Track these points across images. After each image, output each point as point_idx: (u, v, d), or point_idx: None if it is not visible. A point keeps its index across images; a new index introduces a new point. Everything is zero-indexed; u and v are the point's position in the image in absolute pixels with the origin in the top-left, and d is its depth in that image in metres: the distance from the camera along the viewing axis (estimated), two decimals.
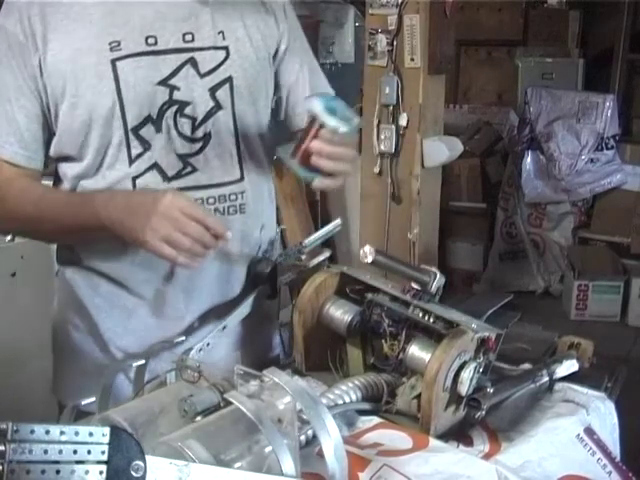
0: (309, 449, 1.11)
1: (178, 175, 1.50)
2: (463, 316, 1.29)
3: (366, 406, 1.27)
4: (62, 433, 0.73)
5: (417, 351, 1.27)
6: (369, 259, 1.27)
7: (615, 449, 1.34)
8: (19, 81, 1.43)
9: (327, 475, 0.95)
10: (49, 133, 1.49)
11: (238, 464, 0.93)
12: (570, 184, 5.18)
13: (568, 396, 1.37)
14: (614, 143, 5.18)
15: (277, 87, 1.66)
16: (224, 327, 1.39)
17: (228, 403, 0.98)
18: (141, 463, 0.76)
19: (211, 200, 1.52)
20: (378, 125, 3.69)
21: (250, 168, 1.59)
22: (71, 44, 1.42)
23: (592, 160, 5.16)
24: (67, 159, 1.52)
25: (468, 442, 1.24)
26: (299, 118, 1.66)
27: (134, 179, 1.49)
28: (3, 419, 0.72)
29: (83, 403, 1.10)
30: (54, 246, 1.75)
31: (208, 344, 1.32)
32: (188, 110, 1.49)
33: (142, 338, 1.56)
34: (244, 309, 1.45)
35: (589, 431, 1.27)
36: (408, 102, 3.63)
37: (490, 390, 1.26)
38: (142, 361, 1.15)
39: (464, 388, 1.22)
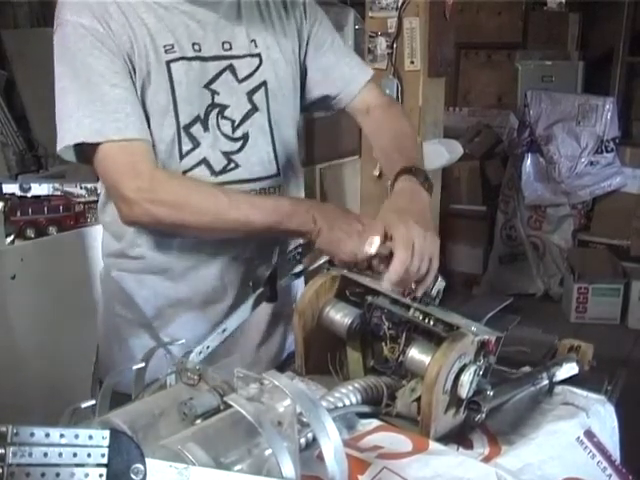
0: (309, 452, 1.11)
1: (224, 170, 1.61)
2: (463, 319, 1.29)
3: (366, 409, 1.27)
4: (62, 436, 0.73)
5: (417, 354, 1.27)
6: (372, 250, 1.29)
7: (615, 452, 1.33)
8: (116, 66, 1.49)
9: (327, 478, 0.94)
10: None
11: (238, 467, 0.93)
12: (570, 187, 5.19)
13: (568, 399, 1.37)
14: (614, 146, 5.18)
15: (311, 78, 1.77)
16: (224, 330, 1.38)
17: (228, 406, 0.98)
18: (141, 466, 0.76)
19: (253, 193, 1.62)
20: None
21: (284, 164, 1.71)
22: (135, 41, 1.51)
23: (592, 163, 5.17)
24: None
25: (468, 445, 1.24)
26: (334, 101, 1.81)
27: (184, 173, 1.58)
28: (3, 422, 0.72)
29: (82, 406, 1.10)
30: (54, 248, 1.75)
31: (208, 347, 1.32)
32: (227, 112, 1.60)
33: (188, 325, 1.66)
34: (243, 312, 1.45)
35: (589, 434, 1.27)
36: (408, 105, 3.63)
37: (490, 393, 1.26)
38: (142, 364, 1.15)
39: (464, 391, 1.22)
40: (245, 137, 1.63)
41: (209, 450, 0.90)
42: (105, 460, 0.74)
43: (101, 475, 0.74)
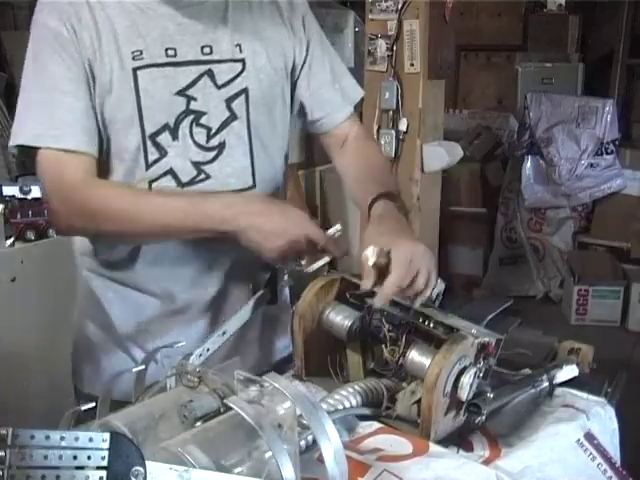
0: (309, 454, 1.11)
1: (192, 181, 1.55)
2: (463, 321, 1.29)
3: (366, 411, 1.27)
4: (62, 439, 0.73)
5: (417, 356, 1.27)
6: (371, 261, 1.28)
7: (615, 454, 1.33)
8: (72, 74, 1.46)
9: None
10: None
11: (238, 469, 0.93)
12: (570, 189, 5.19)
13: (568, 401, 1.37)
14: (614, 148, 5.18)
15: (300, 95, 1.71)
16: (223, 332, 1.38)
17: (228, 408, 0.98)
18: (141, 469, 0.76)
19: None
20: (378, 130, 3.69)
21: (262, 176, 1.63)
22: (98, 48, 1.47)
23: (592, 165, 5.17)
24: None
25: (468, 447, 1.24)
26: (318, 123, 1.76)
27: (150, 183, 1.54)
28: (3, 424, 0.73)
29: (83, 409, 1.10)
30: (54, 250, 1.75)
31: (208, 349, 1.32)
32: (204, 120, 1.54)
33: (155, 333, 1.62)
34: (244, 314, 1.45)
35: (589, 436, 1.27)
36: (408, 107, 3.63)
37: (490, 395, 1.26)
38: (142, 366, 1.15)
39: (464, 393, 1.22)
40: (221, 146, 1.57)
41: (209, 452, 0.90)
42: (105, 462, 0.74)
43: (101, 478, 0.74)
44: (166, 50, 1.50)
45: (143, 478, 0.76)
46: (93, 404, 1.07)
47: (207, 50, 1.54)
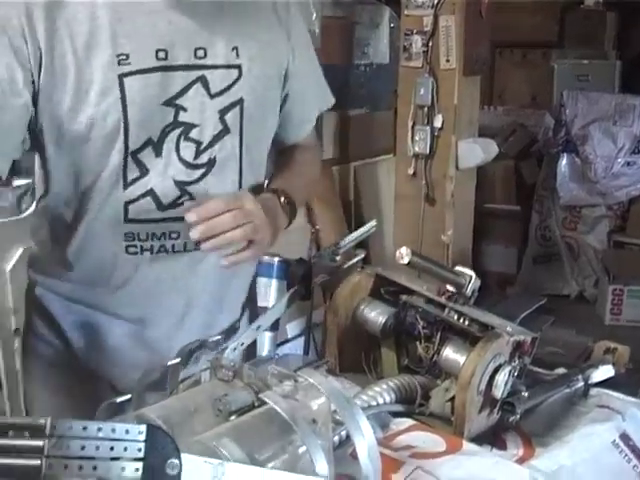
0: (342, 450, 1.10)
1: (173, 204, 1.40)
2: (498, 319, 1.29)
3: (400, 408, 1.27)
4: (99, 430, 0.74)
5: (451, 353, 1.27)
6: (405, 260, 1.27)
7: None
8: (4, 85, 1.28)
9: (360, 477, 0.94)
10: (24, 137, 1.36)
11: (272, 464, 0.93)
12: (606, 187, 5.13)
13: (603, 402, 1.36)
14: None
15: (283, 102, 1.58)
16: (258, 327, 1.39)
17: (262, 403, 0.99)
18: (176, 461, 0.76)
19: None
20: (413, 126, 3.68)
21: None
22: (75, 50, 1.29)
23: (628, 163, 5.11)
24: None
25: (502, 446, 1.23)
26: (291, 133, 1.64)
27: (127, 204, 1.39)
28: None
29: (118, 401, 1.10)
30: None
31: (242, 344, 1.32)
32: (194, 133, 1.39)
33: (118, 361, 1.52)
34: (278, 309, 1.45)
35: (625, 437, 1.26)
36: (443, 103, 3.62)
37: (525, 394, 1.25)
38: (177, 360, 1.15)
39: (499, 392, 1.21)
40: (211, 163, 1.41)
41: (243, 446, 0.90)
42: (141, 454, 0.75)
43: (137, 469, 0.75)
44: (156, 52, 1.33)
45: (178, 470, 0.76)
46: (129, 396, 1.08)
47: (201, 53, 1.37)
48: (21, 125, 1.33)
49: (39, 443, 0.70)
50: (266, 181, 1.58)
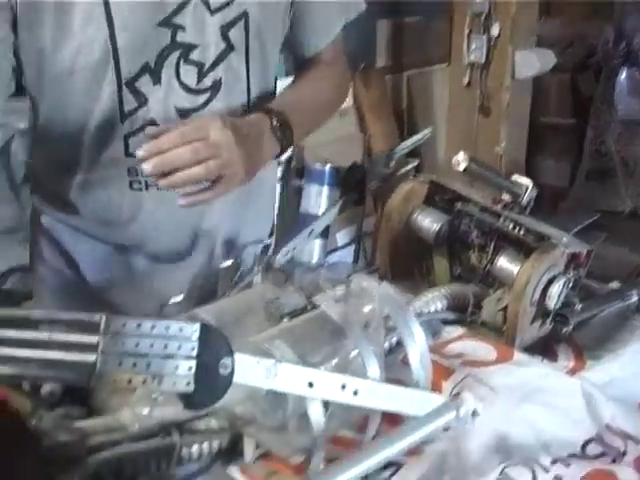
0: (392, 357, 1.10)
1: None
2: (554, 230, 1.26)
3: (451, 316, 1.26)
4: (153, 327, 0.74)
5: (506, 263, 1.25)
6: (462, 166, 1.25)
7: None
8: None
9: (411, 382, 0.94)
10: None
11: (322, 367, 0.93)
12: None
13: None
14: None
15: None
16: (311, 231, 1.37)
17: (314, 307, 0.98)
18: (229, 361, 0.76)
19: None
20: (469, 35, 3.59)
21: None
22: None
23: None
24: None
25: (553, 357, 1.22)
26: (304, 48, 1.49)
27: (126, 138, 1.32)
28: None
29: (171, 302, 1.11)
30: None
31: (294, 248, 1.31)
32: (195, 54, 1.29)
33: (132, 292, 1.47)
34: (332, 214, 1.43)
35: None
36: (501, 11, 3.52)
37: (578, 306, 1.24)
38: (229, 261, 1.15)
39: (552, 302, 1.20)
40: (215, 87, 1.31)
41: (295, 349, 0.90)
42: (195, 353, 0.75)
43: (190, 368, 0.75)
44: None
45: (231, 370, 0.76)
46: (181, 296, 1.08)
47: None
48: (6, 61, 1.23)
49: (94, 339, 0.71)
50: None
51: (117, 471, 0.85)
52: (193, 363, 0.75)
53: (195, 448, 0.91)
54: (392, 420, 0.94)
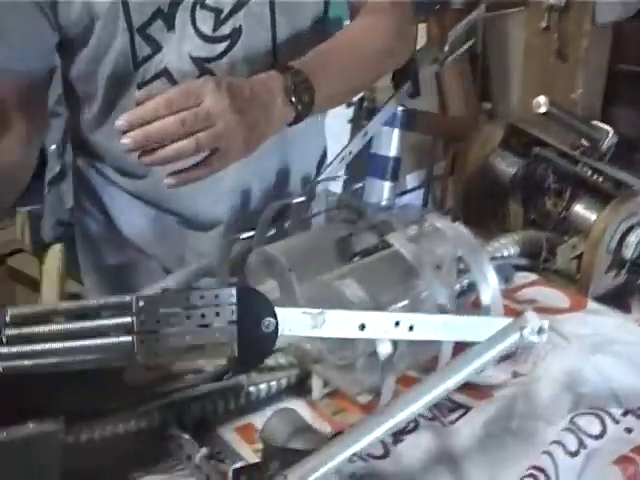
0: (463, 299, 1.09)
1: None
2: (634, 178, 1.22)
3: (524, 262, 1.24)
4: (187, 299, 0.71)
5: (582, 210, 1.22)
6: (543, 109, 1.22)
7: None
8: None
9: None
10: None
11: (393, 307, 0.93)
12: None
13: None
14: None
15: None
16: (365, 134, 1.33)
17: (386, 246, 0.97)
18: (272, 319, 0.73)
19: None
20: None
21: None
22: None
23: None
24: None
25: (626, 309, 1.20)
26: None
27: (139, 87, 1.23)
28: None
29: (242, 237, 1.10)
30: None
31: (350, 152, 1.27)
32: (211, 0, 1.20)
33: (164, 243, 1.42)
34: (385, 113, 1.40)
35: None
36: None
37: None
38: (302, 198, 1.13)
39: (629, 252, 1.17)
40: (235, 34, 1.21)
41: (366, 287, 0.89)
42: (235, 317, 0.72)
43: (232, 333, 0.72)
44: None
45: (275, 327, 0.74)
46: (252, 232, 1.07)
47: None
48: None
49: (127, 320, 0.69)
50: None
51: (186, 412, 0.86)
52: (234, 328, 0.72)
53: (263, 386, 0.91)
54: None
